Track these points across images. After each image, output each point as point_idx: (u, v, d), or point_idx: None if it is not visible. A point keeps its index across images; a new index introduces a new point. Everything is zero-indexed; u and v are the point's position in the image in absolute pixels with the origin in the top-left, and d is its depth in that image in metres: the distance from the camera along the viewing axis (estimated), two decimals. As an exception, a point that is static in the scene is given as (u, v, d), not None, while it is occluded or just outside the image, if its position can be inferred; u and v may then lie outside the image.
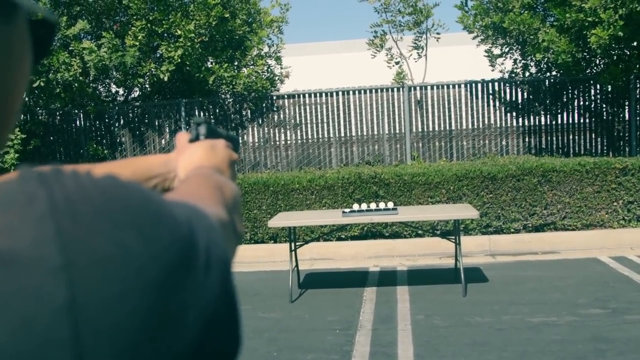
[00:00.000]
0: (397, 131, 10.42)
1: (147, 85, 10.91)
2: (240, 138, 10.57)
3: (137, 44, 9.53)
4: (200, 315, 0.42)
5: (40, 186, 0.39)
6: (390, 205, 6.28)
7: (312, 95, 10.52)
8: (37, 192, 0.38)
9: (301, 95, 10.53)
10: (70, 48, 9.62)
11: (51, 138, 10.82)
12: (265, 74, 10.71)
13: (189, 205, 0.49)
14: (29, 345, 0.35)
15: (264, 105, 10.53)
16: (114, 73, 10.40)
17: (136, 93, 11.33)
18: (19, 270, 0.36)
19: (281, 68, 11.20)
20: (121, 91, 11.29)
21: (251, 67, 10.44)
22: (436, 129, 10.39)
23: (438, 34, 10.91)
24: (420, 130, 10.41)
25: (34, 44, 0.53)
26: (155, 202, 0.43)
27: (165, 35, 9.89)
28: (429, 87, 10.39)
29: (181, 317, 0.40)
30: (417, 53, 11.12)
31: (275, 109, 10.57)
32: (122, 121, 10.79)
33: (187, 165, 0.85)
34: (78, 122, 10.86)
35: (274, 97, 10.59)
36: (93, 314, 0.36)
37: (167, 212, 0.43)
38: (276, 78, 11.10)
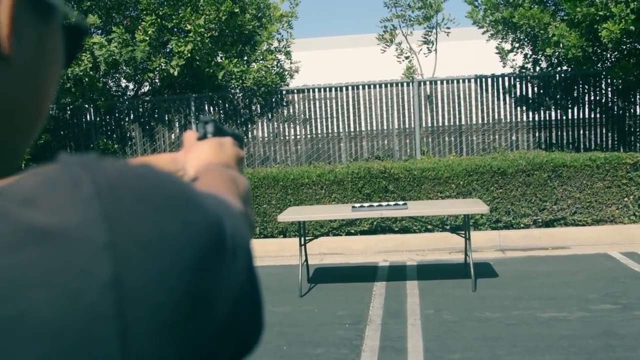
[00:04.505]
0: (407, 126, 10.40)
1: (157, 80, 10.94)
2: (249, 133, 10.59)
3: (147, 38, 9.55)
4: (229, 298, 0.45)
5: (84, 171, 0.41)
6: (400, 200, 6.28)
7: (322, 90, 10.51)
8: (82, 176, 0.40)
9: (311, 90, 10.53)
10: (81, 43, 9.64)
11: (62, 133, 10.87)
12: (275, 68, 10.71)
13: (214, 195, 0.52)
14: (75, 320, 0.36)
15: (273, 100, 10.54)
16: (124, 68, 10.43)
17: (146, 88, 11.36)
18: (67, 248, 0.38)
19: (291, 63, 11.20)
20: (131, 86, 11.33)
21: (261, 62, 10.44)
22: (446, 123, 10.37)
23: (448, 28, 10.88)
24: (429, 125, 10.39)
25: (65, 47, 0.55)
26: (189, 190, 0.46)
27: (175, 30, 9.91)
28: (438, 82, 10.36)
29: (213, 299, 0.43)
30: (427, 48, 11.10)
31: (284, 103, 10.57)
32: (132, 116, 10.83)
33: (197, 162, 0.88)
34: (88, 117, 10.90)
35: (284, 92, 10.59)
36: (136, 291, 0.39)
37: (199, 200, 0.45)
38: (286, 73, 11.11)
